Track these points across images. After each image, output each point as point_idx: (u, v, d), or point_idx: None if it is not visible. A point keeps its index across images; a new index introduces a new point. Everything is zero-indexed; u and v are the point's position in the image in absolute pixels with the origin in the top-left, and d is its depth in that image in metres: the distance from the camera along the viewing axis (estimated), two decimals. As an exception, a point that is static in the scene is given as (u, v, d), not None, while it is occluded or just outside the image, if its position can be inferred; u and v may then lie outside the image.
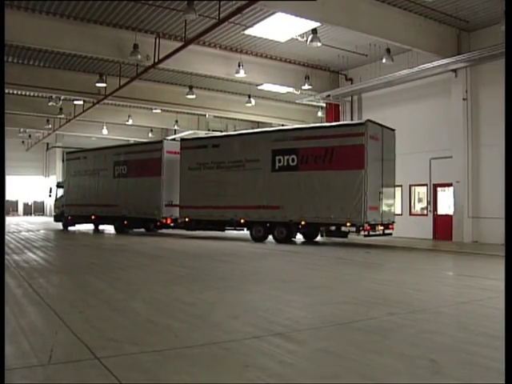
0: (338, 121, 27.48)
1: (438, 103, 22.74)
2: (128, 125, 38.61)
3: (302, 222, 19.83)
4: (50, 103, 30.63)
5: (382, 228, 19.33)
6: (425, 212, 23.45)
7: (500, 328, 4.42)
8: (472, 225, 20.82)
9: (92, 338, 5.69)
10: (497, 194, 18.09)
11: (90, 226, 30.11)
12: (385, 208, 19.56)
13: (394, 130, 20.68)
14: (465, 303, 8.16)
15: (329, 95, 26.45)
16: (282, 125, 37.77)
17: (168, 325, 6.42)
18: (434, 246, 19.35)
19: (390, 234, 20.05)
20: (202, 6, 17.97)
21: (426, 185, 23.23)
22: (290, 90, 28.03)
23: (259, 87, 29.06)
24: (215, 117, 38.54)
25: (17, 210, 50.32)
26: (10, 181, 49.14)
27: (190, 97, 28.19)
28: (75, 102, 32.23)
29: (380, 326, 6.45)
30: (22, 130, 42.21)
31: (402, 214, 24.24)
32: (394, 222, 20.14)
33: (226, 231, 23.57)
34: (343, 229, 19.69)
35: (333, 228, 20.18)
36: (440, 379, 4.51)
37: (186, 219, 23.27)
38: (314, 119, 34.92)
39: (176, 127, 39.74)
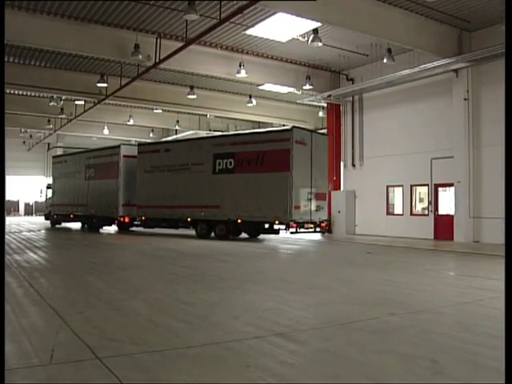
0: (339, 121, 27.66)
1: (439, 103, 22.72)
2: (129, 125, 38.63)
3: (239, 221, 21.37)
4: (51, 103, 30.63)
5: (312, 226, 20.92)
6: (426, 212, 23.44)
7: (501, 328, 4.42)
8: (473, 225, 20.81)
9: (93, 337, 5.69)
10: (498, 194, 18.06)
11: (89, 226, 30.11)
12: (314, 207, 21.03)
13: (325, 134, 23.54)
14: (466, 303, 8.16)
15: (330, 95, 26.46)
16: (283, 125, 37.89)
17: (169, 325, 6.42)
18: (434, 246, 19.34)
19: (323, 231, 22.28)
20: (203, 6, 17.97)
21: (427, 185, 23.22)
22: (291, 90, 28.04)
23: (260, 87, 29.06)
24: (216, 117, 38.52)
25: (18, 210, 50.33)
26: (12, 181, 49.20)
27: (190, 97, 28.21)
28: (76, 102, 32.22)
29: (381, 326, 6.45)
30: (23, 130, 42.20)
31: (403, 214, 24.28)
32: (326, 220, 22.16)
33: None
34: (275, 227, 20.96)
35: (266, 226, 21.22)
36: (441, 379, 4.51)
37: (143, 218, 25.28)
38: (315, 119, 34.99)
39: (177, 127, 39.74)
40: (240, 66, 22.81)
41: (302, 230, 20.58)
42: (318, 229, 21.39)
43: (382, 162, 25.28)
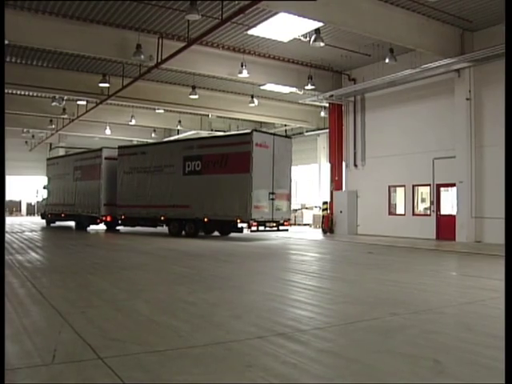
0: (341, 121, 27.66)
1: (441, 103, 22.71)
2: (131, 125, 38.60)
3: (205, 219, 22.72)
4: (54, 103, 30.65)
5: (274, 224, 22.15)
6: (428, 212, 23.44)
7: (503, 328, 4.41)
8: (475, 225, 20.79)
9: (95, 337, 5.70)
10: (500, 194, 17.91)
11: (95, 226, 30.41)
12: (276, 207, 22.12)
13: (290, 137, 24.94)
14: (468, 303, 8.16)
15: (332, 95, 26.47)
16: (285, 125, 37.97)
17: (171, 325, 6.42)
18: (437, 246, 19.33)
19: (286, 230, 23.24)
20: (205, 6, 17.98)
21: (429, 185, 23.22)
22: (293, 90, 28.04)
23: (262, 87, 29.07)
24: (218, 117, 38.57)
25: (20, 210, 50.35)
26: (14, 181, 49.31)
27: (192, 97, 28.22)
28: (78, 103, 32.29)
29: (383, 327, 6.45)
30: (25, 130, 42.25)
31: (405, 215, 24.28)
32: (289, 220, 23.37)
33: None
34: (239, 225, 22.32)
35: (231, 224, 22.58)
36: (443, 379, 4.50)
37: (123, 216, 26.79)
38: (317, 119, 35.02)
39: (179, 127, 39.77)
40: (242, 65, 22.82)
41: (263, 228, 21.75)
42: (281, 227, 22.55)
43: (384, 161, 25.28)
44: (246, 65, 22.88)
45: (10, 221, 38.20)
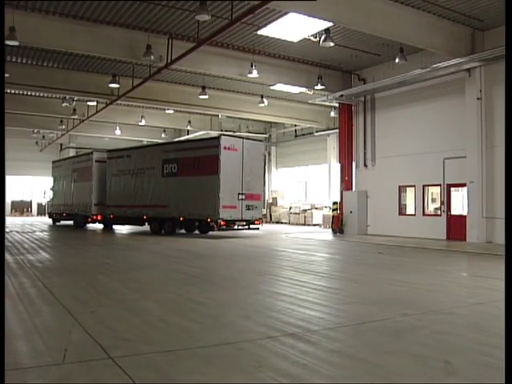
0: (351, 121, 27.61)
1: (451, 103, 22.61)
2: (141, 125, 38.64)
3: (181, 218, 24.18)
4: (64, 104, 30.72)
5: (244, 223, 23.88)
6: (438, 212, 23.34)
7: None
8: (486, 225, 20.67)
9: (105, 337, 5.74)
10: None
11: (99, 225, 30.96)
12: (245, 207, 23.53)
13: (260, 141, 27.28)
14: (479, 304, 8.13)
15: (341, 95, 26.39)
16: (295, 125, 38.02)
17: (181, 325, 6.46)
18: (447, 247, 19.26)
19: (257, 228, 24.92)
20: (215, 6, 18.00)
21: (440, 185, 23.11)
22: (303, 90, 27.97)
23: (272, 87, 29.03)
24: (228, 117, 38.60)
25: (31, 211, 50.46)
26: (24, 181, 49.61)
27: (202, 97, 28.19)
28: (88, 103, 32.36)
29: (394, 327, 6.44)
30: (35, 130, 42.35)
31: (415, 215, 24.19)
32: (260, 219, 24.86)
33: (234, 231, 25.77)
34: (211, 224, 23.46)
35: (203, 223, 23.98)
36: (454, 380, 4.50)
37: (111, 216, 28.44)
38: (326, 119, 34.97)
39: (189, 128, 39.78)
40: (252, 66, 22.81)
41: (233, 226, 23.78)
42: (251, 226, 24.17)
43: (394, 161, 25.20)
44: (255, 65, 22.87)
45: (21, 221, 38.54)
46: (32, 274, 10.96)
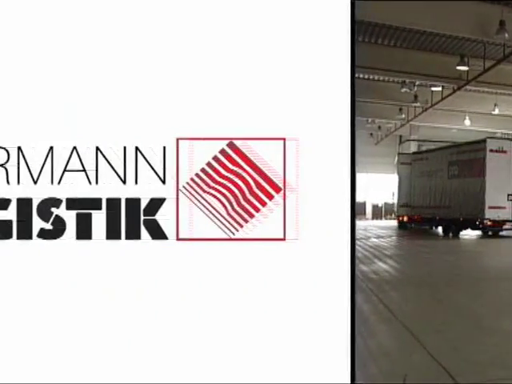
0: None
1: None
2: (494, 114, 36.93)
3: (460, 219, 26.60)
4: (403, 89, 30.55)
5: None
6: None
7: None
8: None
9: (452, 360, 5.55)
10: None
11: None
12: None
13: None
14: None
15: None
16: None
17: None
18: None
19: None
20: None
21: None
22: None
23: None
24: None
25: (364, 213, 50.48)
26: (358, 179, 50.04)
27: None
28: (432, 88, 31.83)
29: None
30: (369, 120, 42.74)
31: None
32: None
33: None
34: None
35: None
36: None
37: (415, 217, 31.92)
38: None
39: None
40: None
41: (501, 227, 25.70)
42: None
43: None
44: None
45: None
46: (366, 287, 10.90)
